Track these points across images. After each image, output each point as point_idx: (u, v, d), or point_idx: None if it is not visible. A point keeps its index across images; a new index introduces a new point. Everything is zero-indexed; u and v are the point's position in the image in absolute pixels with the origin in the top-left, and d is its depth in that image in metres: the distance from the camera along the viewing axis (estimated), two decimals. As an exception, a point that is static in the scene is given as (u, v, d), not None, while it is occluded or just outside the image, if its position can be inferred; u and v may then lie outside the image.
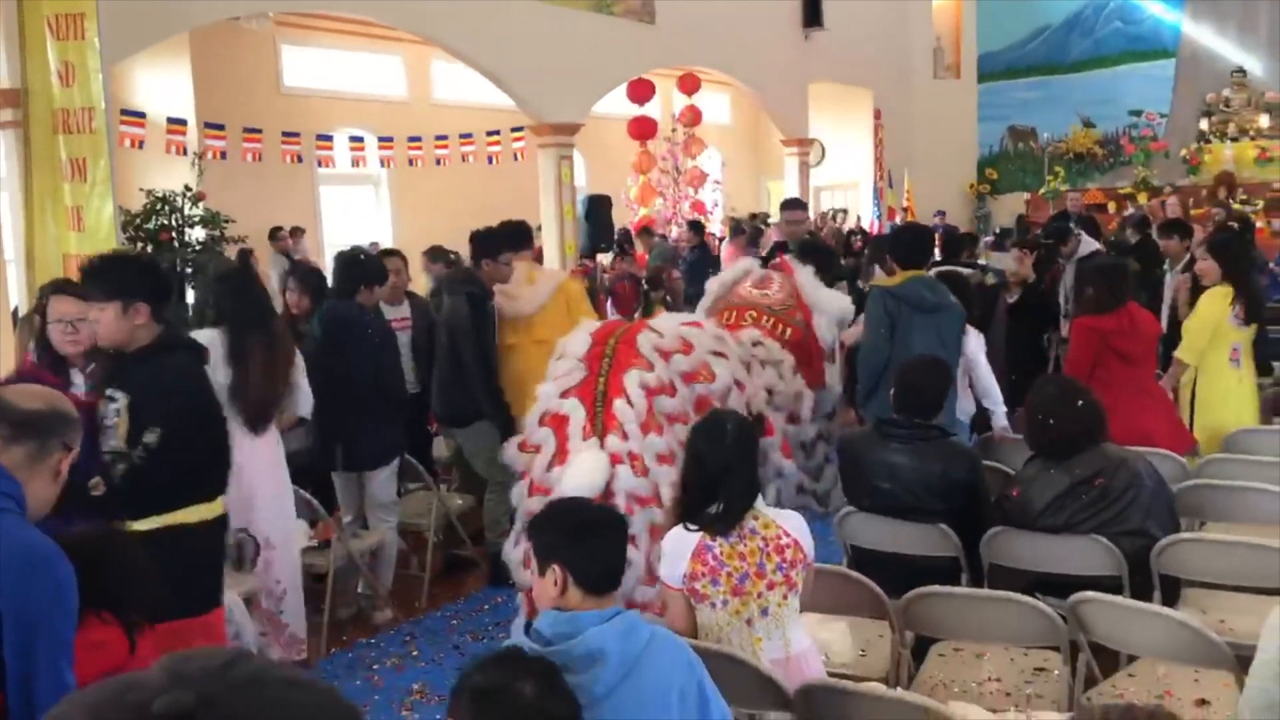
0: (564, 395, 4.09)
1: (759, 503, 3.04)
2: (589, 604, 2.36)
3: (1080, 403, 3.78)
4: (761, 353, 4.78)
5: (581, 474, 3.75)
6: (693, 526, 2.99)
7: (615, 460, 3.83)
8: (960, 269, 6.82)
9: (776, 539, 2.97)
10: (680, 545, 2.99)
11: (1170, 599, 3.65)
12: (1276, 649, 2.19)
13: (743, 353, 4.65)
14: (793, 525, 3.03)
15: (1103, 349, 5.13)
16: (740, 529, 2.96)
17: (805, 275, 5.35)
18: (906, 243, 5.60)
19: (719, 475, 3.00)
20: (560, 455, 3.95)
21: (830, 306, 5.32)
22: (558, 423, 4.02)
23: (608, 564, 2.44)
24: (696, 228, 12.96)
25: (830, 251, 7.21)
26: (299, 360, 4.70)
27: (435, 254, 8.11)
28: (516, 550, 4.08)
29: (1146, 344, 5.31)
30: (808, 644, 3.07)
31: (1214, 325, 5.44)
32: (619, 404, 3.93)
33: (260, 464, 4.41)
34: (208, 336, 4.24)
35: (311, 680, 0.83)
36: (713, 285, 5.49)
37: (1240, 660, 2.76)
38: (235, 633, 4.05)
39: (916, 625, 3.44)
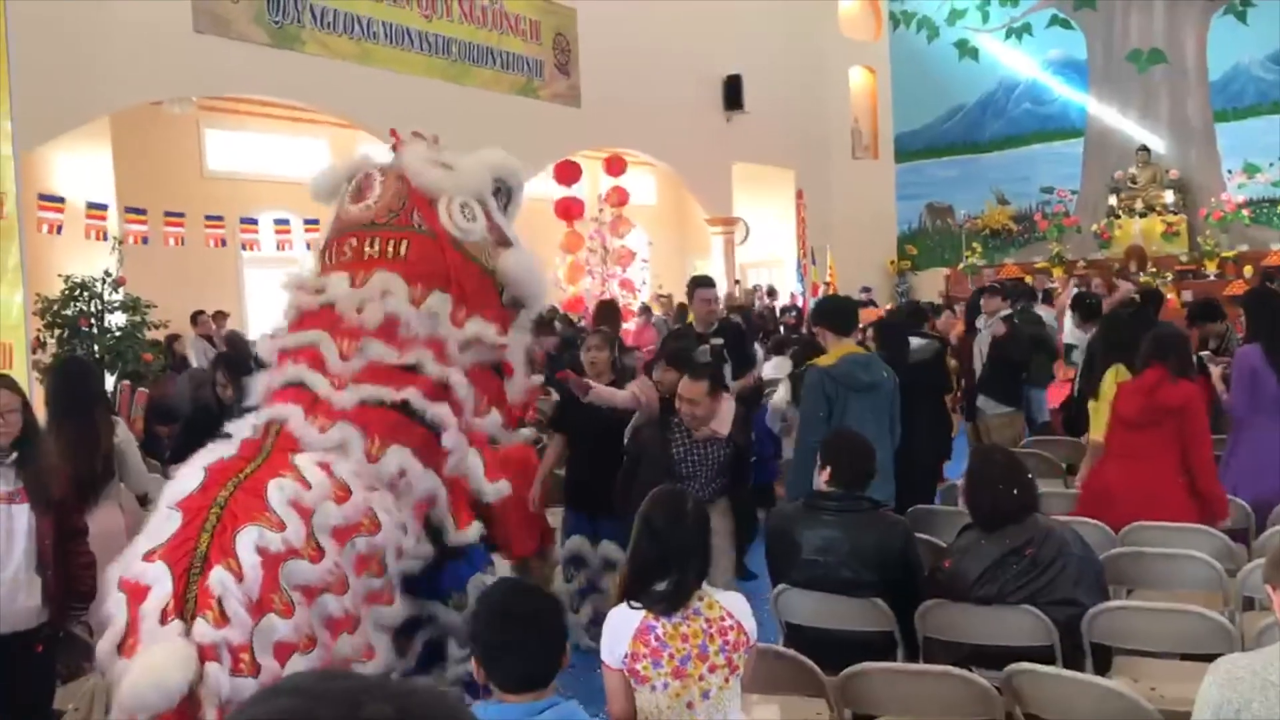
0: (149, 557, 2.95)
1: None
2: (516, 698, 2.32)
3: (1029, 473, 3.83)
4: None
5: (145, 679, 2.69)
6: (636, 605, 2.91)
7: (207, 655, 2.77)
8: None
9: (720, 620, 2.91)
10: (622, 624, 2.91)
11: (1102, 667, 3.67)
12: (1210, 716, 2.20)
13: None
14: (736, 607, 2.99)
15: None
16: (685, 609, 2.90)
17: (412, 155, 3.95)
18: (833, 310, 5.58)
19: (677, 555, 2.93)
20: (130, 641, 2.87)
21: (462, 180, 3.89)
22: (135, 594, 2.92)
23: (522, 669, 2.38)
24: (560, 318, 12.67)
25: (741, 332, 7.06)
26: (124, 442, 4.68)
27: None
28: None
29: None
30: (747, 727, 3.02)
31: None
32: (218, 574, 2.86)
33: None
34: None
35: (440, 690, 0.94)
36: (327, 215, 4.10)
37: (1173, 728, 2.77)
38: None
39: (854, 703, 3.41)
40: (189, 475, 3.20)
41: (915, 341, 7.21)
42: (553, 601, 2.55)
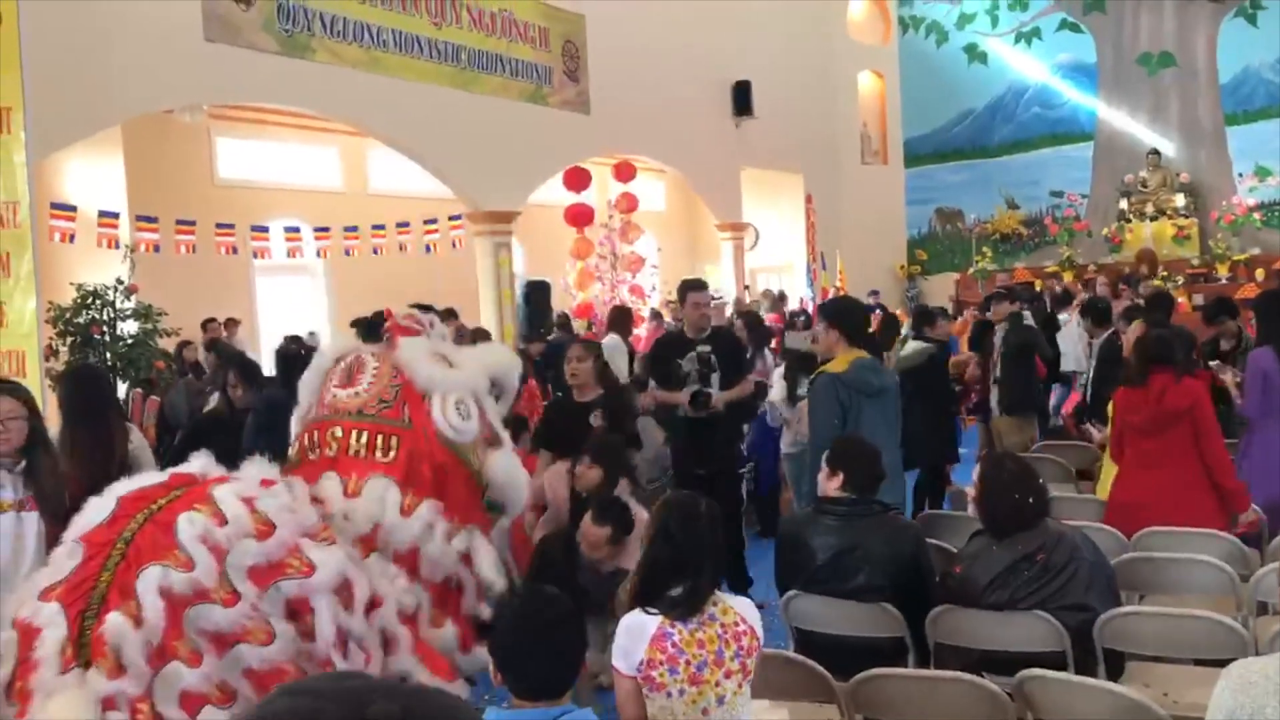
0: (45, 595, 2.78)
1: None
2: (530, 704, 2.33)
3: (1040, 479, 3.82)
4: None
5: None
6: (653, 610, 2.89)
7: (106, 705, 2.61)
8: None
9: (734, 625, 2.91)
10: (638, 630, 2.88)
11: (1114, 673, 3.65)
12: (1222, 721, 2.19)
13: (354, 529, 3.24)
14: (748, 612, 2.98)
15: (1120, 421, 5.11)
16: (701, 614, 2.89)
17: (410, 349, 3.68)
18: (846, 312, 5.40)
19: (692, 558, 2.92)
20: (19, 684, 2.67)
21: (459, 377, 3.65)
22: (26, 635, 2.72)
23: (538, 676, 2.38)
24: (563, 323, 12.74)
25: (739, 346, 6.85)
26: (139, 448, 4.58)
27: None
28: None
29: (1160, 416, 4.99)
30: (759, 733, 3.01)
31: None
32: (114, 620, 2.67)
33: None
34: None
35: (447, 693, 0.97)
36: (304, 383, 3.89)
37: (1186, 733, 2.75)
38: None
39: (865, 708, 3.40)
40: (100, 505, 2.98)
41: (911, 346, 7.19)
42: (572, 611, 2.53)
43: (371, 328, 5.48)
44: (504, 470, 3.65)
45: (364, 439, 3.43)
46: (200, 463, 3.29)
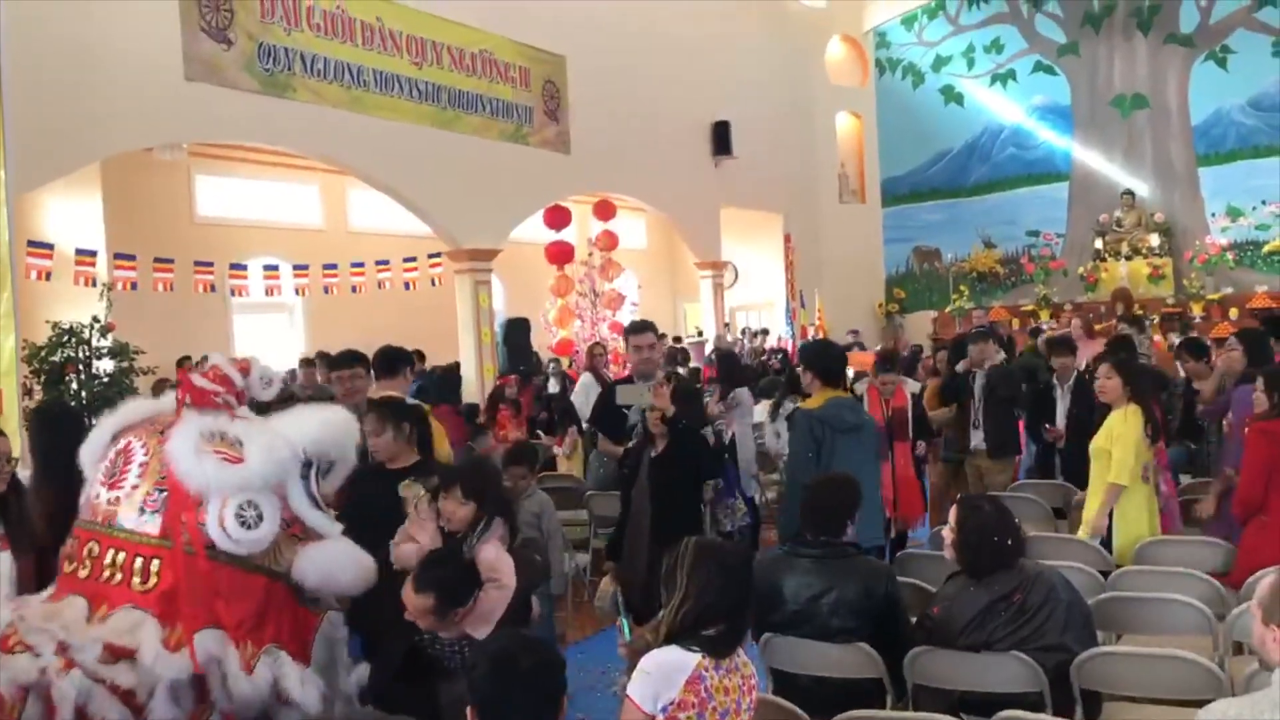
0: None
1: None
2: None
3: (1017, 519, 3.83)
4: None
5: None
6: (694, 647, 2.84)
7: None
8: None
9: (750, 679, 2.93)
10: (674, 667, 2.82)
11: (1091, 713, 3.66)
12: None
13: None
14: (752, 666, 3.01)
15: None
16: (731, 661, 2.88)
17: (182, 440, 2.94)
18: (825, 355, 5.61)
19: (735, 600, 2.93)
20: None
21: (242, 475, 2.92)
22: None
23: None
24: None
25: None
26: None
27: None
28: None
29: None
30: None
31: (1137, 444, 5.39)
32: None
33: None
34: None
35: None
36: (84, 456, 3.20)
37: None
38: None
39: (844, 751, 3.39)
40: None
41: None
42: (554, 656, 2.51)
43: (335, 363, 5.57)
44: (317, 571, 3.00)
45: (120, 560, 2.84)
46: None
